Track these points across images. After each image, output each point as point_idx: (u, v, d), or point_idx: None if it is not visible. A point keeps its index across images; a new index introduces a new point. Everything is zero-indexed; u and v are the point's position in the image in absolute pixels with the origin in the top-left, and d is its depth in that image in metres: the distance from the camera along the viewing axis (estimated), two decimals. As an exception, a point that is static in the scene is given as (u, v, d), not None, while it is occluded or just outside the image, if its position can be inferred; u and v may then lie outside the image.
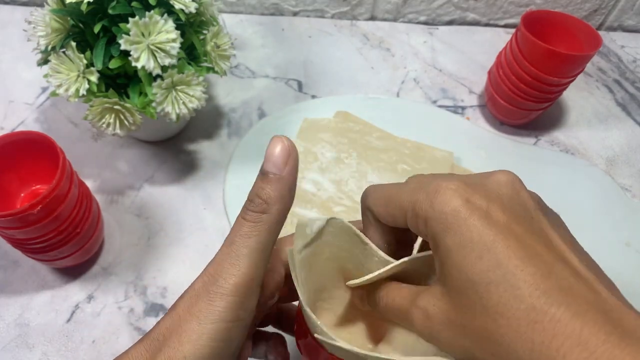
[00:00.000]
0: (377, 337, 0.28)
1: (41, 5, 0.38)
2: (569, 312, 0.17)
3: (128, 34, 0.35)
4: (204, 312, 0.21)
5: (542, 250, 0.18)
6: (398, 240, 0.25)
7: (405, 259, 0.23)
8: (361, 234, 0.24)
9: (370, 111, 0.54)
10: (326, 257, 0.26)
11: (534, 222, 0.20)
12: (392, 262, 0.23)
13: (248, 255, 0.22)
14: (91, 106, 0.37)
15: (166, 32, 0.36)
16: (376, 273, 0.24)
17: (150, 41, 0.35)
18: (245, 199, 0.23)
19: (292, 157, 0.22)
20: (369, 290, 0.26)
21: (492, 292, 0.18)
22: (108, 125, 0.38)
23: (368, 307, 0.26)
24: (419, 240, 0.27)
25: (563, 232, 0.21)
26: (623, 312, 0.17)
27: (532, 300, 0.17)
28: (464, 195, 0.20)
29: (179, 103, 0.39)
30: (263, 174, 0.22)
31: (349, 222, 0.24)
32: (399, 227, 0.24)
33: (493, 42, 0.67)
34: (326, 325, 0.23)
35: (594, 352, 0.16)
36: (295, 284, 0.24)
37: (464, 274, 0.19)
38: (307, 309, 0.23)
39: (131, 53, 0.35)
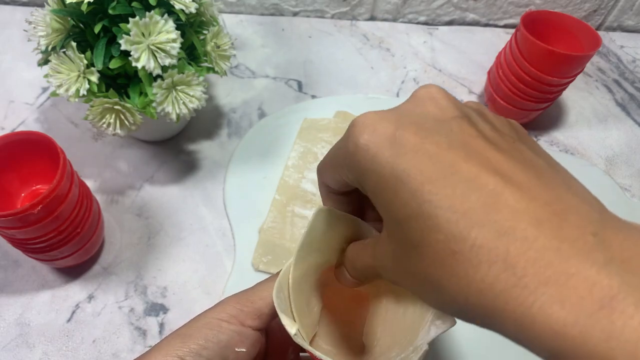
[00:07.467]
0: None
1: (41, 6, 0.38)
2: (491, 233, 0.14)
3: (128, 34, 0.35)
4: None
5: (462, 165, 0.16)
6: (361, 208, 0.25)
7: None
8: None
9: (370, 111, 0.54)
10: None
11: (455, 134, 0.17)
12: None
13: None
14: (91, 106, 0.37)
15: (166, 32, 0.36)
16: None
17: (151, 41, 0.35)
18: (245, 199, 0.23)
19: None
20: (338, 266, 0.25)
21: (414, 227, 0.16)
22: (108, 125, 0.38)
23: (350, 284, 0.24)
24: None
25: (499, 137, 0.18)
26: (563, 218, 0.14)
27: (450, 227, 0.15)
28: (371, 127, 0.17)
29: (179, 103, 0.39)
30: None
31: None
32: (353, 193, 0.22)
33: (493, 42, 0.67)
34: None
35: (523, 277, 0.13)
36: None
37: (388, 214, 0.17)
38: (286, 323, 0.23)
39: (131, 53, 0.35)
